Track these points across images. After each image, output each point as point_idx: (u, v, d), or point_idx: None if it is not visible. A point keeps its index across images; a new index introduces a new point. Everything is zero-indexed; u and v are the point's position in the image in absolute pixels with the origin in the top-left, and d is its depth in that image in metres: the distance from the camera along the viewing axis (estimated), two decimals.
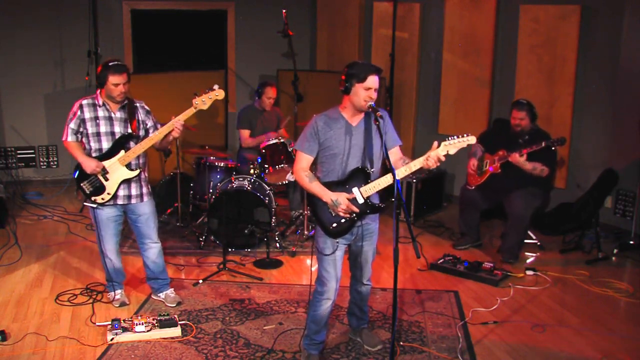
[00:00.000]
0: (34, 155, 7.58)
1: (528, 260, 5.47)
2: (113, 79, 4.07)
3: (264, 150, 5.73)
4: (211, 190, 5.79)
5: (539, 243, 5.78)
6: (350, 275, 3.86)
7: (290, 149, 5.72)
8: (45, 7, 7.27)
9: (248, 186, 5.49)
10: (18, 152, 7.50)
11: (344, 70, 3.46)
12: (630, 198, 5.79)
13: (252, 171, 5.73)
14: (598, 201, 5.73)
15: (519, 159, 5.19)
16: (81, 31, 7.14)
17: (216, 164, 5.95)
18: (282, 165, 5.69)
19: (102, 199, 4.23)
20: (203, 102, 4.11)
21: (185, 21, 8.07)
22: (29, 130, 7.49)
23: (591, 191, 5.81)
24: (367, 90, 3.39)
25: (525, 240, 5.69)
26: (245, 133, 6.22)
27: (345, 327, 4.17)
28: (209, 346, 3.92)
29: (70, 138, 4.22)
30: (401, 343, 3.99)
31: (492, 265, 5.11)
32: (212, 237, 5.64)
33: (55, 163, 7.67)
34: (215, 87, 4.12)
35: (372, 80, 3.39)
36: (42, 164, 7.63)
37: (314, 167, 3.62)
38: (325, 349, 3.88)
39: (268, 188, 5.71)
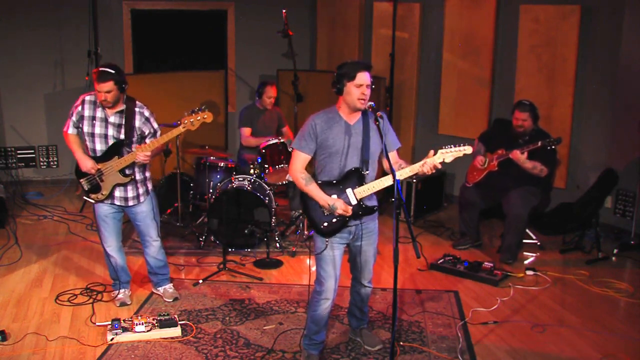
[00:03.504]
0: (34, 155, 7.58)
1: (528, 260, 5.47)
2: (97, 86, 4.01)
3: (264, 150, 5.74)
4: (211, 190, 5.79)
5: (538, 243, 5.77)
6: (351, 277, 3.86)
7: (290, 149, 5.72)
8: (45, 7, 7.26)
9: (248, 186, 5.49)
10: (18, 152, 7.50)
11: (334, 73, 3.46)
12: (630, 198, 5.79)
13: (252, 171, 5.73)
14: (598, 201, 5.73)
15: (519, 156, 5.19)
16: (81, 31, 7.13)
17: (216, 164, 5.95)
18: (282, 165, 5.70)
19: (97, 197, 4.27)
20: (192, 123, 4.06)
21: (185, 21, 8.06)
22: (29, 130, 7.49)
23: (591, 191, 5.82)
24: (358, 87, 3.38)
25: (525, 240, 5.70)
26: (247, 131, 6.23)
27: (345, 327, 4.17)
28: (209, 346, 3.92)
29: (71, 130, 4.25)
30: (401, 343, 3.98)
31: (492, 265, 5.11)
32: (212, 237, 5.64)
33: (55, 163, 7.67)
34: (203, 107, 4.07)
35: (362, 77, 3.37)
36: (42, 164, 7.63)
37: (309, 167, 3.61)
38: (325, 349, 3.88)
39: (268, 188, 5.71)
